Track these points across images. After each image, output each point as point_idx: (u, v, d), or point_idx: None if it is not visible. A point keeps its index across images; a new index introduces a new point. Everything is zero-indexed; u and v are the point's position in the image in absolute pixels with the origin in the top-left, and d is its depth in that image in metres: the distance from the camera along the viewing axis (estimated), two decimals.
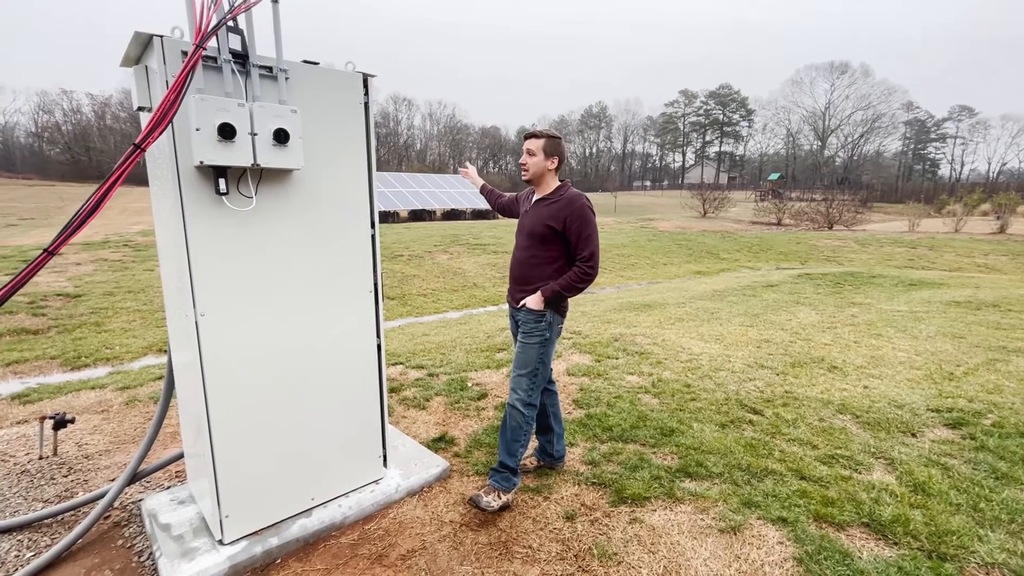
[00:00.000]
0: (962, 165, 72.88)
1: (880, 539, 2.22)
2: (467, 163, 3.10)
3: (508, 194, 2.93)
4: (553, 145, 2.45)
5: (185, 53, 1.75)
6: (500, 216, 2.95)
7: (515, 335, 2.65)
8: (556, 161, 2.46)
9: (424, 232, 16.48)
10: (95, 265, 10.09)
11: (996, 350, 5.05)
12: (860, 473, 2.73)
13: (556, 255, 2.46)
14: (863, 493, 2.52)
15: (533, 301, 2.43)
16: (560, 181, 2.52)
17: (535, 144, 2.44)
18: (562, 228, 2.39)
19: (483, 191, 3.01)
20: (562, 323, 2.56)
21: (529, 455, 2.82)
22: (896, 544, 2.18)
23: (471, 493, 2.55)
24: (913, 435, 3.20)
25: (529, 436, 2.52)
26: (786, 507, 2.41)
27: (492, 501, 2.42)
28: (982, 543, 2.16)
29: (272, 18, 1.92)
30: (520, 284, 2.53)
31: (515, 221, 2.75)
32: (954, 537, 2.18)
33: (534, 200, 2.54)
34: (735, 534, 2.26)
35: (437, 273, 12.04)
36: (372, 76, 2.28)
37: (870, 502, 2.44)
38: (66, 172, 43.83)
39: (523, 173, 2.50)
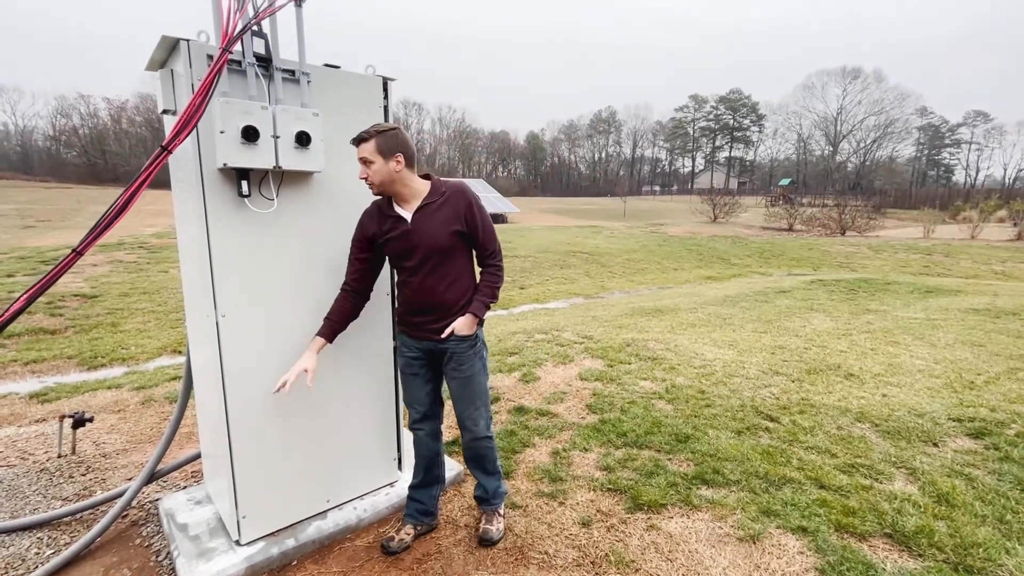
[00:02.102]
0: (977, 171, 71.95)
1: (904, 550, 2.17)
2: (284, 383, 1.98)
3: (342, 292, 2.14)
4: (387, 141, 1.91)
5: (210, 57, 1.77)
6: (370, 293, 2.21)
7: (415, 374, 2.22)
8: (400, 159, 1.93)
9: None
10: (111, 266, 10.22)
11: (1018, 359, 4.95)
12: (881, 483, 2.68)
13: (466, 262, 2.09)
14: (885, 503, 2.47)
15: (466, 326, 2.06)
16: (425, 178, 2.07)
17: (366, 150, 1.91)
18: (465, 227, 2.02)
19: (336, 331, 2.11)
20: (482, 330, 2.23)
21: (402, 527, 2.30)
22: (921, 556, 2.13)
23: (480, 530, 2.31)
24: (935, 444, 3.14)
25: (496, 449, 2.38)
26: (806, 516, 2.37)
27: (500, 526, 2.30)
28: (1010, 556, 2.11)
29: (296, 22, 1.94)
30: (438, 313, 2.07)
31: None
32: (980, 549, 2.14)
33: (413, 210, 2.01)
34: (754, 543, 2.23)
35: None
36: (392, 80, 2.29)
37: (893, 512, 2.39)
38: (82, 175, 44.60)
39: (371, 189, 2.00)
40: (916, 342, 5.60)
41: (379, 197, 2.08)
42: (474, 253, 2.15)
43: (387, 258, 2.16)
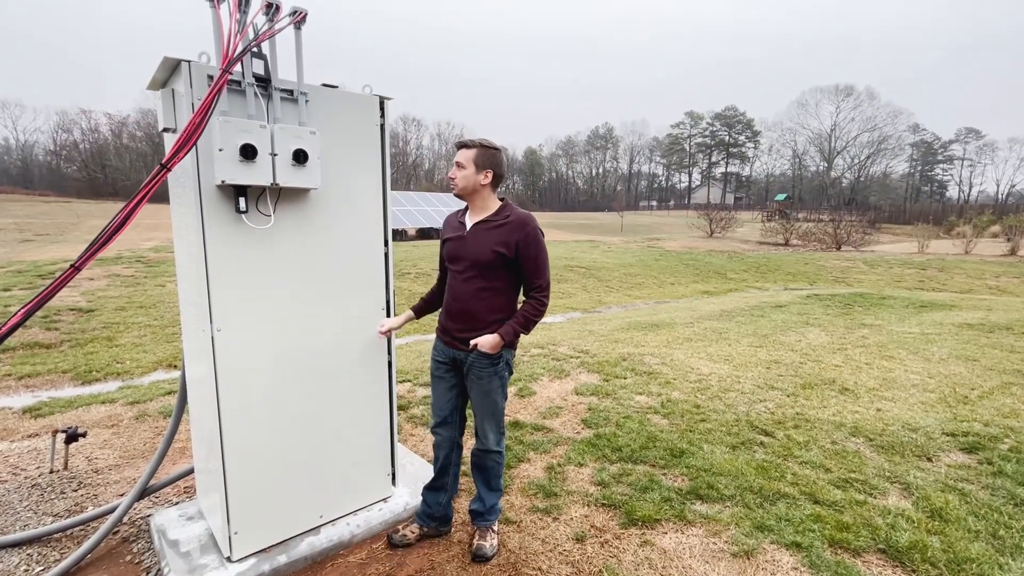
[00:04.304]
0: (970, 187, 72.79)
1: (897, 566, 2.17)
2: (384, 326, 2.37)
3: (437, 282, 2.45)
4: (486, 156, 2.14)
5: (211, 77, 1.81)
6: None
7: (441, 378, 2.34)
8: (490, 175, 2.15)
9: (432, 250, 16.59)
10: (108, 280, 10.21)
11: (1011, 373, 4.98)
12: (875, 497, 2.69)
13: (504, 285, 2.18)
14: (879, 518, 2.48)
15: (489, 344, 2.12)
16: (500, 200, 2.23)
17: (464, 155, 2.14)
18: (513, 254, 2.11)
19: (422, 310, 2.43)
20: (513, 354, 2.31)
21: (409, 524, 2.43)
22: (914, 571, 2.13)
23: (474, 546, 2.31)
24: (928, 459, 3.14)
25: (503, 466, 2.41)
26: (800, 531, 2.37)
27: (493, 542, 2.32)
28: (1003, 571, 2.11)
29: (294, 44, 1.99)
30: (466, 321, 2.19)
31: None
32: (974, 565, 2.14)
33: (473, 223, 2.20)
34: (748, 558, 2.22)
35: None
36: (389, 99, 2.34)
37: (886, 527, 2.39)
38: (82, 189, 44.70)
39: (451, 187, 2.21)
40: (911, 357, 5.63)
41: (462, 204, 2.31)
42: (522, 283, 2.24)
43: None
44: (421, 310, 2.43)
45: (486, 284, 2.16)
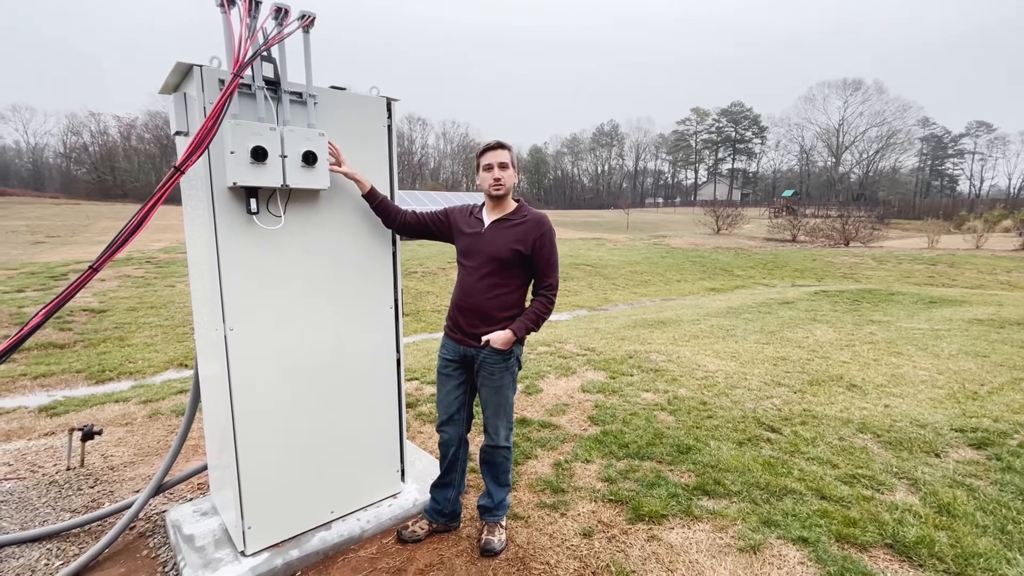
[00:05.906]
0: (981, 181, 71.89)
1: (904, 560, 2.18)
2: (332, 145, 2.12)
3: (417, 209, 2.41)
4: (515, 158, 2.23)
5: (222, 81, 1.85)
6: (404, 237, 2.45)
7: (448, 376, 2.34)
8: (518, 176, 2.28)
9: (437, 249, 16.65)
10: (119, 281, 10.34)
11: (1021, 369, 4.94)
12: (882, 493, 2.69)
13: (519, 282, 2.23)
14: (886, 514, 2.48)
15: (502, 340, 2.16)
16: (516, 201, 2.28)
17: (507, 156, 2.18)
18: (530, 252, 2.17)
19: (372, 198, 2.24)
20: (522, 349, 2.34)
21: (418, 520, 2.47)
22: (921, 566, 2.14)
23: (482, 540, 2.33)
24: (936, 455, 3.14)
25: (512, 462, 2.46)
26: (806, 527, 2.38)
27: (501, 537, 2.34)
28: (1011, 566, 2.11)
29: (303, 47, 2.03)
30: (479, 318, 2.22)
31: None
32: (981, 559, 2.14)
33: (491, 220, 2.25)
34: (755, 553, 2.24)
35: (450, 289, 12.11)
36: (395, 100, 2.37)
37: (893, 523, 2.40)
38: (92, 191, 45.24)
39: (495, 189, 2.18)
40: (919, 353, 5.60)
41: (478, 202, 2.33)
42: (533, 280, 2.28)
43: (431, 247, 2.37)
44: (380, 200, 2.26)
45: (500, 281, 2.20)
